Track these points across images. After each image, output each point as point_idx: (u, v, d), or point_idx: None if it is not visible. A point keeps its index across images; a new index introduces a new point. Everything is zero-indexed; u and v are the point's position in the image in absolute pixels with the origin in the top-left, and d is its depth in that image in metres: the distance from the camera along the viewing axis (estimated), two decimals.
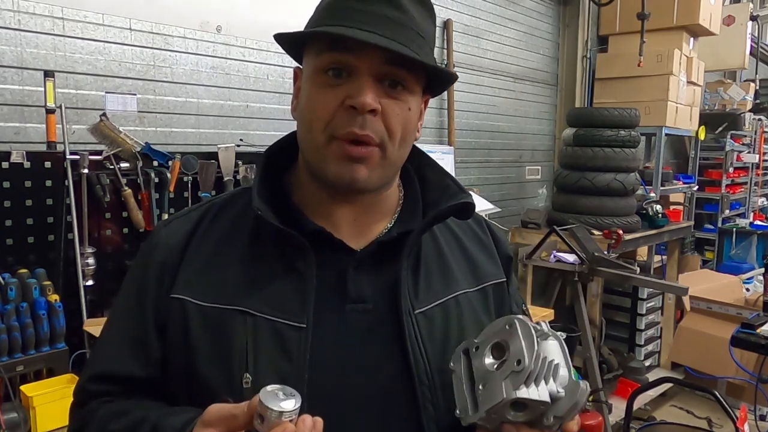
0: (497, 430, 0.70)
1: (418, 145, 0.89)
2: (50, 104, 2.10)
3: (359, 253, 0.82)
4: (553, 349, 0.70)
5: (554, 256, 3.28)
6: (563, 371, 0.70)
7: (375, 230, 0.85)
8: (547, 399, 0.68)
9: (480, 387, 0.69)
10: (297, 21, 0.83)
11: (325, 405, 0.71)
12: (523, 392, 0.66)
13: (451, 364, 0.74)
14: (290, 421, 0.61)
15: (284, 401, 0.62)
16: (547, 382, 0.68)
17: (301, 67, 0.83)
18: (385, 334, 0.79)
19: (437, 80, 0.83)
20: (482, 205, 3.58)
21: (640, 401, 3.35)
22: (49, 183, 2.10)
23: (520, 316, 0.72)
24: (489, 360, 0.71)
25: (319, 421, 0.64)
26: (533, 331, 0.69)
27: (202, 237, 0.83)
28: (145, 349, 0.81)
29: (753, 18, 6.61)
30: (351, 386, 0.77)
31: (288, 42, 0.81)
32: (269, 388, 0.63)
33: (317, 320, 0.77)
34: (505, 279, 0.95)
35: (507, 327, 0.71)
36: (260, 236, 0.81)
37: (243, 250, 0.81)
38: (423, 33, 0.77)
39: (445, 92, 3.83)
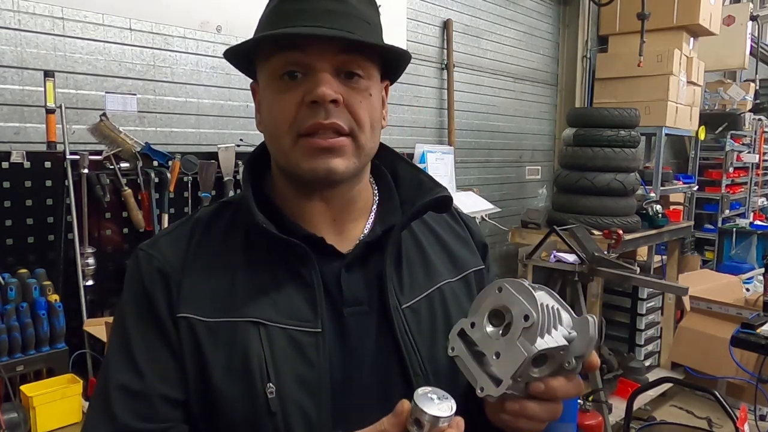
0: (522, 394, 0.69)
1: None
2: (50, 104, 2.09)
3: (348, 256, 0.82)
4: (547, 297, 0.70)
5: (554, 256, 3.27)
6: (565, 314, 0.70)
7: (354, 230, 0.86)
8: (565, 342, 0.68)
9: (493, 357, 0.68)
10: None
11: (342, 406, 0.75)
12: (541, 343, 0.66)
13: (450, 350, 0.73)
14: (448, 426, 0.61)
15: (440, 404, 0.62)
16: (557, 328, 0.68)
17: (257, 81, 0.84)
18: (379, 332, 0.80)
19: (393, 64, 0.84)
20: (482, 205, 3.58)
21: (640, 401, 3.35)
22: (49, 183, 2.10)
23: (505, 279, 0.72)
24: (491, 329, 0.70)
25: (462, 422, 0.64)
26: (526, 285, 0.69)
27: (196, 252, 0.81)
28: (178, 365, 0.76)
29: (753, 18, 6.61)
30: (358, 386, 0.78)
31: (237, 56, 0.82)
32: (420, 391, 0.63)
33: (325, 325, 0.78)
34: (484, 266, 0.96)
35: (497, 291, 0.70)
36: (254, 247, 0.81)
37: (241, 263, 0.80)
38: (368, 19, 0.78)
39: (445, 92, 3.85)
